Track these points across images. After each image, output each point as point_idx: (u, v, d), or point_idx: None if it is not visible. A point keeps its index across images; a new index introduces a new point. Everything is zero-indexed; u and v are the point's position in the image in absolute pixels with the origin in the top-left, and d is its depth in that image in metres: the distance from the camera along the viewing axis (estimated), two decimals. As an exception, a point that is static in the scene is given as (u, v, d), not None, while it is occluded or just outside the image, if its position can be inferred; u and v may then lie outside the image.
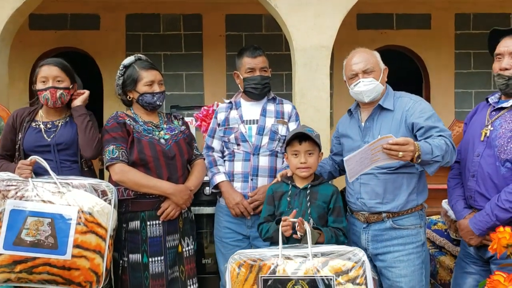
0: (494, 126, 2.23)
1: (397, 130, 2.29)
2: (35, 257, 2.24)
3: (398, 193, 2.30)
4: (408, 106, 2.34)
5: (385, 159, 2.12)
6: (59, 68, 2.52)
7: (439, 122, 2.27)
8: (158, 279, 2.46)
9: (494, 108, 2.29)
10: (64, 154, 2.55)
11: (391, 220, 2.30)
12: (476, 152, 2.27)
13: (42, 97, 2.51)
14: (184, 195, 2.51)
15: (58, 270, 2.26)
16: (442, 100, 5.73)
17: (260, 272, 2.12)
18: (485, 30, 5.63)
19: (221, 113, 2.82)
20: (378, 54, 2.44)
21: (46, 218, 2.27)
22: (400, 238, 2.30)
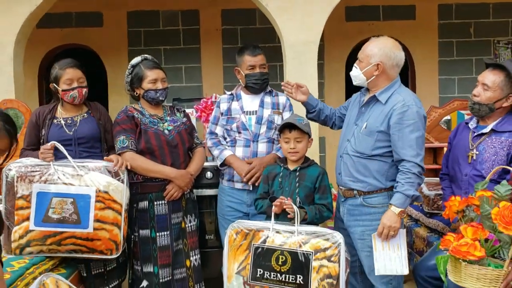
0: (479, 150, 2.59)
1: (381, 123, 2.54)
2: (62, 231, 2.58)
3: (368, 176, 2.57)
4: (396, 105, 2.51)
5: (395, 239, 2.48)
6: (80, 70, 2.86)
7: (410, 149, 2.44)
8: (165, 250, 2.84)
9: (475, 134, 2.65)
10: (83, 146, 2.86)
11: (361, 198, 2.60)
12: (464, 172, 2.64)
13: (68, 96, 2.82)
14: (185, 178, 2.87)
15: (82, 241, 2.61)
16: (427, 87, 5.98)
17: (253, 240, 2.49)
18: (467, 20, 5.97)
19: (224, 103, 3.15)
20: (381, 46, 2.54)
21: (68, 198, 2.60)
22: (369, 214, 2.58)
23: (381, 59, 2.54)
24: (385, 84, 2.59)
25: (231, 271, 2.52)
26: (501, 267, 1.99)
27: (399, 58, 2.57)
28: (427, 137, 3.93)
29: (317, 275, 2.36)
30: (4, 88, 3.78)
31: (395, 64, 2.57)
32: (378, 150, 2.54)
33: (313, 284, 2.35)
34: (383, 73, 2.57)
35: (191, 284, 2.92)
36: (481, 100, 2.61)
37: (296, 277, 2.39)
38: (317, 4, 3.95)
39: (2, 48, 3.77)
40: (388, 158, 2.55)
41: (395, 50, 2.56)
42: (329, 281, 2.34)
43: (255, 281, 2.45)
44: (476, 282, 2.00)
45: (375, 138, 2.54)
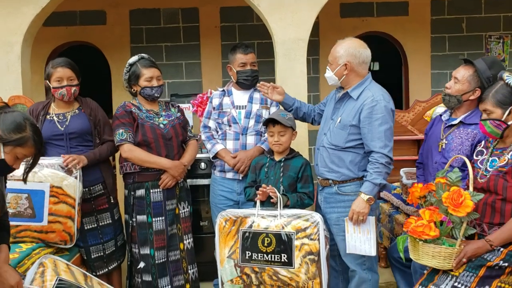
0: (447, 140, 2.81)
1: (353, 117, 2.75)
2: (17, 225, 2.76)
3: (342, 166, 2.79)
4: (366, 100, 2.72)
5: (365, 224, 2.69)
6: (70, 69, 3.06)
7: (378, 141, 2.65)
8: (160, 234, 3.10)
9: (446, 125, 2.87)
10: (74, 141, 3.08)
11: (336, 186, 2.82)
12: (435, 160, 2.86)
13: (58, 93, 3.03)
14: (179, 169, 3.11)
15: (37, 234, 2.81)
16: (420, 81, 6.13)
17: (241, 226, 2.73)
18: (459, 15, 6.13)
19: (216, 99, 3.39)
20: (346, 47, 2.76)
21: (23, 193, 2.76)
22: (343, 202, 2.80)
23: (348, 59, 2.76)
24: (356, 81, 2.80)
25: (223, 255, 2.76)
26: (454, 245, 2.22)
27: (364, 56, 2.78)
28: (411, 129, 4.14)
29: (300, 253, 2.60)
30: (13, 85, 4.01)
31: (361, 62, 2.78)
32: (351, 143, 2.76)
33: (297, 261, 2.59)
34: (352, 71, 2.78)
35: (184, 265, 3.18)
36: (451, 92, 2.83)
37: (281, 256, 2.62)
38: (306, 3, 4.12)
39: (10, 47, 4.00)
40: (360, 150, 2.77)
41: (360, 48, 2.77)
42: (311, 257, 2.58)
43: (244, 263, 2.69)
44: (432, 259, 2.24)
45: (348, 132, 2.76)
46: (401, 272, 2.91)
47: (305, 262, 2.59)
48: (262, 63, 5.71)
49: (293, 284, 2.60)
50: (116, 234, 3.24)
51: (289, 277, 2.61)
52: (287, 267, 2.61)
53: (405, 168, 3.67)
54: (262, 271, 2.66)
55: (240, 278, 2.71)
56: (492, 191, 2.30)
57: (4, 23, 3.98)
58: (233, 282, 2.72)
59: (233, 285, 2.73)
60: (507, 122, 2.30)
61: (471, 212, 2.14)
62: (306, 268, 2.58)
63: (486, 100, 2.35)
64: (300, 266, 2.59)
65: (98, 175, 3.13)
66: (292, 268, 2.60)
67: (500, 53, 6.21)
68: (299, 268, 2.59)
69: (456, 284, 2.22)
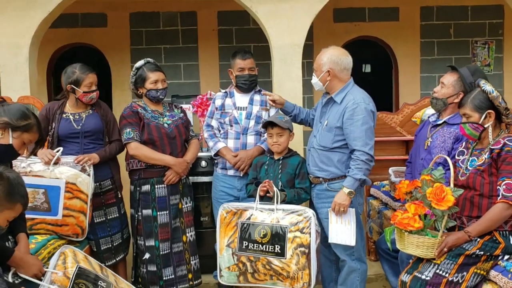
0: (432, 138, 3.06)
1: (337, 120, 2.98)
2: (34, 217, 2.95)
3: (330, 165, 3.02)
4: (348, 104, 2.94)
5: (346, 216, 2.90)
6: (95, 75, 3.28)
7: (359, 140, 2.87)
8: (164, 227, 3.30)
9: (432, 125, 3.12)
10: (89, 139, 3.28)
11: (326, 184, 3.05)
12: (421, 157, 3.11)
13: (88, 97, 3.23)
14: (182, 166, 3.32)
15: (52, 227, 3.00)
16: (409, 84, 6.35)
17: (240, 217, 2.95)
18: (447, 21, 6.38)
19: (218, 100, 3.60)
20: (328, 56, 2.98)
21: (40, 188, 2.96)
22: (332, 197, 2.99)
23: (330, 66, 2.99)
24: (339, 86, 3.03)
25: (222, 244, 2.97)
26: (437, 237, 2.45)
27: (346, 63, 3.01)
28: (400, 131, 4.37)
29: (292, 245, 2.81)
30: (21, 86, 4.19)
31: (343, 68, 3.01)
32: (337, 143, 2.99)
33: (288, 252, 2.81)
34: (334, 78, 3.01)
35: (187, 256, 3.39)
36: (438, 95, 3.08)
37: (274, 247, 2.84)
38: (301, 11, 4.33)
39: (19, 50, 4.18)
40: (346, 150, 3.00)
41: (341, 56, 3.01)
42: (302, 250, 2.80)
43: (241, 251, 2.90)
44: (416, 249, 2.47)
45: (334, 133, 2.99)
46: (389, 262, 3.14)
47: (296, 254, 2.80)
48: (258, 66, 5.75)
49: (284, 274, 2.82)
50: (122, 227, 3.44)
51: (281, 267, 2.82)
52: (279, 257, 2.82)
53: (394, 167, 3.90)
54: (256, 260, 2.87)
55: (236, 265, 2.92)
56: (471, 188, 2.53)
57: (13, 27, 4.17)
58: (230, 269, 2.93)
59: (230, 272, 2.94)
60: (484, 125, 2.54)
61: (451, 206, 2.38)
62: (297, 259, 2.80)
63: (465, 105, 2.59)
64: (291, 257, 2.80)
65: (107, 171, 3.33)
66: (284, 258, 2.81)
67: (485, 58, 6.47)
68: (290, 259, 2.81)
69: (438, 271, 2.45)
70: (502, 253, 2.45)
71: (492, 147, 2.51)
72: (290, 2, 4.31)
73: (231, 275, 2.95)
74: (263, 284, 2.92)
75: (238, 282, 2.96)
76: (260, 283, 2.92)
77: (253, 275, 2.90)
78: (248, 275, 2.91)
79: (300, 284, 2.83)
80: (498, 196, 2.42)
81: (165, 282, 3.31)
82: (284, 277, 2.84)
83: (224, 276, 2.98)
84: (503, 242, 2.44)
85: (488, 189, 2.47)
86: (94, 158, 3.15)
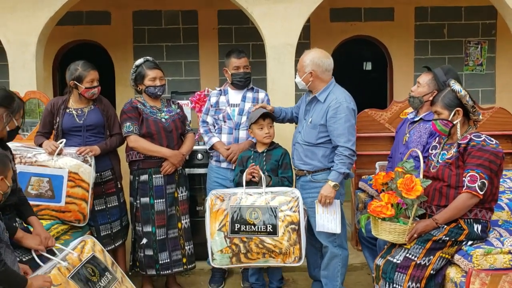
0: (410, 134, 3.28)
1: (321, 117, 3.16)
2: (39, 204, 3.17)
3: (314, 159, 3.22)
4: (331, 103, 3.11)
5: (332, 206, 3.10)
6: (97, 71, 3.48)
7: (342, 136, 3.05)
8: (161, 214, 3.52)
9: (410, 122, 3.34)
10: (90, 133, 3.49)
11: (310, 175, 3.25)
12: (400, 151, 3.33)
13: (89, 93, 3.42)
14: (178, 157, 3.53)
15: (55, 213, 3.23)
16: (403, 82, 6.52)
17: (230, 202, 3.14)
18: (441, 22, 6.56)
19: (213, 97, 3.81)
20: (311, 58, 3.15)
21: (45, 177, 3.19)
22: (315, 188, 3.21)
23: (312, 68, 3.17)
24: (321, 86, 3.22)
25: (213, 229, 3.14)
26: (407, 224, 2.67)
27: (327, 64, 3.19)
28: (388, 127, 4.56)
29: (283, 223, 3.03)
30: (28, 82, 4.42)
31: (325, 70, 3.19)
32: (321, 139, 3.19)
33: (280, 230, 3.03)
34: (316, 78, 3.20)
35: (181, 242, 3.62)
36: (415, 94, 3.30)
37: (266, 227, 3.05)
38: (295, 12, 4.52)
39: (26, 47, 4.42)
40: (329, 145, 3.20)
41: (323, 58, 3.19)
42: (292, 227, 3.03)
43: (234, 234, 3.09)
44: (388, 235, 2.68)
45: (318, 130, 3.19)
46: (369, 249, 3.35)
47: (287, 231, 3.02)
48: (257, 64, 6.06)
49: (276, 251, 3.03)
50: (121, 215, 3.66)
51: (273, 245, 3.03)
52: (272, 236, 3.03)
53: (380, 162, 4.10)
54: (249, 241, 3.07)
55: (229, 247, 3.10)
56: (440, 179, 2.74)
57: (21, 25, 4.40)
58: (223, 252, 3.12)
59: (223, 255, 3.13)
60: (453, 122, 2.75)
61: (420, 195, 2.59)
62: (288, 236, 3.01)
63: (437, 103, 2.79)
64: (283, 234, 3.02)
65: (107, 162, 3.55)
66: (276, 236, 3.03)
67: (478, 57, 6.65)
68: (282, 236, 3.02)
69: (408, 255, 2.66)
70: (466, 239, 2.66)
71: (459, 142, 2.72)
72: (284, 4, 4.50)
73: (224, 257, 3.13)
74: (255, 263, 3.12)
75: (230, 263, 3.15)
76: (252, 262, 3.11)
77: (246, 255, 3.08)
78: (241, 255, 3.09)
79: (292, 259, 3.04)
80: (463, 187, 2.62)
81: (161, 266, 3.53)
82: (276, 254, 3.04)
83: (216, 259, 3.16)
84: (467, 228, 2.65)
85: (455, 180, 2.68)
86: (95, 150, 3.37)
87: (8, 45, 4.44)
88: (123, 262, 3.71)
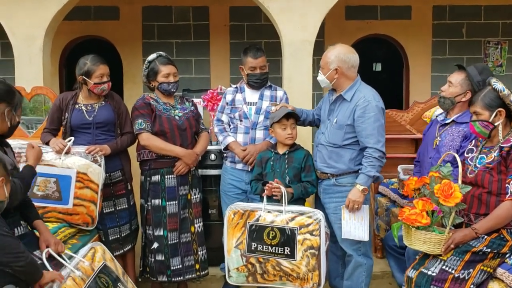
0: (441, 137, 3.08)
1: (348, 117, 2.98)
2: (45, 206, 2.98)
3: (339, 161, 3.02)
4: (359, 101, 2.94)
5: (360, 212, 2.91)
6: (107, 66, 3.30)
7: (372, 137, 2.87)
8: (173, 217, 3.34)
9: (441, 124, 3.14)
10: (100, 130, 3.32)
11: (334, 179, 3.06)
12: (429, 156, 3.12)
13: (99, 88, 3.25)
14: (192, 157, 3.35)
15: (62, 215, 3.03)
16: (420, 83, 6.35)
17: (248, 219, 2.94)
18: (459, 21, 6.35)
19: (229, 95, 3.63)
20: (336, 53, 2.96)
21: (52, 177, 2.99)
22: (340, 192, 3.03)
23: (338, 64, 2.98)
24: (347, 84, 3.03)
25: (230, 245, 2.96)
26: (444, 233, 2.46)
27: (353, 60, 3.01)
28: (410, 129, 4.37)
29: (302, 247, 2.81)
30: (34, 77, 4.24)
31: (351, 66, 3.01)
32: (347, 141, 3.00)
33: (298, 254, 2.81)
34: (342, 75, 3.01)
35: (194, 247, 3.43)
36: (446, 94, 3.10)
37: (284, 249, 2.84)
38: (313, 6, 4.34)
39: (33, 41, 4.24)
40: (356, 146, 3.00)
41: (349, 54, 3.00)
42: (312, 252, 2.80)
43: (250, 253, 2.90)
44: (423, 245, 2.48)
45: (344, 131, 2.99)
46: (395, 258, 3.15)
47: (306, 256, 2.80)
48: (269, 62, 5.78)
49: (294, 275, 2.83)
50: (131, 218, 3.47)
51: (291, 268, 2.83)
52: (289, 259, 2.82)
53: (403, 165, 3.90)
54: (266, 262, 2.87)
55: (245, 266, 2.92)
56: (479, 185, 2.54)
57: (28, 18, 4.22)
58: (239, 270, 2.94)
59: (239, 273, 2.95)
60: (494, 123, 2.54)
61: (459, 203, 2.38)
62: (307, 261, 2.80)
63: (476, 103, 2.59)
64: (302, 259, 2.80)
65: (117, 163, 3.36)
66: (294, 260, 2.82)
67: (497, 58, 6.44)
68: (301, 261, 2.81)
69: (445, 267, 2.46)
70: (510, 251, 2.46)
71: (502, 145, 2.52)
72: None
73: (240, 276, 2.97)
74: (272, 284, 2.93)
75: (247, 282, 2.98)
76: (269, 283, 2.93)
77: (262, 276, 2.91)
78: (257, 275, 2.92)
79: (310, 285, 2.84)
80: (507, 194, 2.42)
81: (172, 272, 3.35)
82: (294, 278, 2.85)
83: (233, 276, 2.99)
84: (511, 240, 2.45)
85: (496, 187, 2.48)
86: (106, 150, 3.19)
87: (14, 38, 4.26)
88: (132, 268, 3.52)
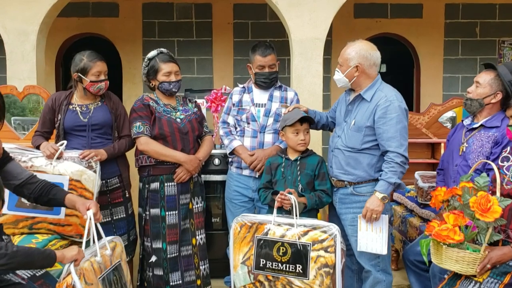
0: (468, 143, 2.81)
1: (367, 118, 2.73)
2: (34, 216, 2.72)
3: (358, 168, 2.76)
4: (379, 101, 2.70)
5: (378, 223, 2.67)
6: (105, 63, 3.04)
7: (393, 140, 2.64)
8: (173, 228, 3.07)
9: (467, 129, 2.87)
10: (96, 133, 3.05)
11: (352, 187, 2.79)
12: (455, 163, 2.85)
13: (95, 87, 2.99)
14: (194, 163, 3.08)
15: (54, 226, 2.77)
16: (431, 84, 6.14)
17: (256, 232, 2.66)
18: (472, 20, 6.10)
19: (236, 95, 3.36)
20: (357, 50, 2.73)
21: None
22: (358, 202, 2.76)
23: (359, 61, 2.74)
24: (367, 83, 2.78)
25: (237, 261, 2.69)
26: (479, 251, 2.19)
27: (375, 58, 2.76)
28: (426, 133, 4.11)
29: (315, 265, 2.53)
30: (27, 75, 3.99)
31: (372, 64, 2.76)
32: (367, 144, 2.74)
33: (311, 273, 2.53)
34: (362, 73, 2.77)
35: (196, 260, 3.15)
36: (473, 96, 2.84)
37: (295, 267, 2.56)
38: (324, 2, 4.10)
39: (26, 36, 3.99)
40: (377, 151, 2.75)
41: (370, 51, 2.76)
42: (326, 270, 2.52)
43: (258, 270, 2.63)
44: (455, 264, 2.20)
45: (363, 133, 2.73)
46: (417, 274, 2.88)
47: (320, 274, 2.53)
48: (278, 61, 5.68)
49: None
50: (129, 228, 3.20)
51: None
52: (301, 278, 2.55)
53: (420, 172, 3.64)
54: (276, 280, 2.60)
55: (253, 285, 2.65)
56: (518, 197, 2.27)
57: (21, 12, 3.97)
58: (246, 288, 2.68)
59: None
60: (536, 128, 2.28)
61: (498, 218, 2.11)
62: (321, 280, 2.53)
63: None
64: (315, 277, 2.53)
65: (114, 168, 3.09)
66: (307, 279, 2.54)
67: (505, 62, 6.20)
68: (314, 280, 2.53)
69: (479, 290, 2.19)
70: (555, 273, 2.18)
71: (544, 153, 2.25)
72: (312, -6, 4.08)
73: (248, 295, 2.69)
74: (284, 304, 2.66)
75: None
76: (280, 302, 2.66)
77: None
78: (267, 295, 2.65)
79: None
80: (552, 208, 2.15)
81: (172, 288, 3.08)
82: None
83: (239, 295, 2.72)
84: (556, 260, 2.18)
85: (538, 200, 2.21)
86: (101, 154, 2.92)
87: (6, 33, 4.01)
88: (130, 282, 3.24)
